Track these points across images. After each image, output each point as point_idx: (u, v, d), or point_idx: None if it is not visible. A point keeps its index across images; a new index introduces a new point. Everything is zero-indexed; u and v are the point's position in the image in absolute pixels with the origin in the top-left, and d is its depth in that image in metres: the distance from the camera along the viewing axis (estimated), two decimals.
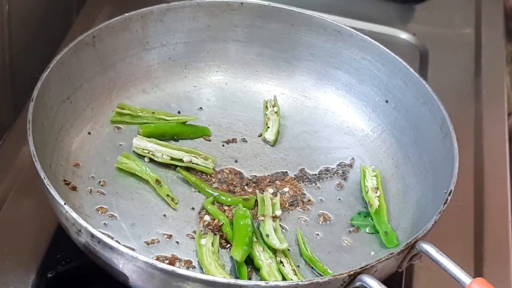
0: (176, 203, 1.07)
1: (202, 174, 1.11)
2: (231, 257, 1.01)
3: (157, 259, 1.00)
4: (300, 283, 0.89)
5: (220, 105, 1.22)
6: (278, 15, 1.22)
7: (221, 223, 1.04)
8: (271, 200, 1.07)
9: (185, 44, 1.22)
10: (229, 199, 1.07)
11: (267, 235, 1.02)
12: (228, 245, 1.03)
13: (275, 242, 1.02)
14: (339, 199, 1.11)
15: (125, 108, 1.16)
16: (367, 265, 0.91)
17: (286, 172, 1.14)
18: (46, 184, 0.95)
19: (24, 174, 1.14)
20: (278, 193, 1.09)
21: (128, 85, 1.19)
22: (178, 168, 1.10)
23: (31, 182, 1.10)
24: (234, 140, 1.17)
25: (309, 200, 1.10)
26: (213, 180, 1.11)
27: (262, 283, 0.89)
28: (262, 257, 1.00)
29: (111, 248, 0.91)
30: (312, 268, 1.02)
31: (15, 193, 1.12)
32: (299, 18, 1.22)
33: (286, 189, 1.11)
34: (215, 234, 1.03)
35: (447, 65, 1.43)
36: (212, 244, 1.01)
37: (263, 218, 1.04)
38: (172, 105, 1.20)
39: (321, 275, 1.00)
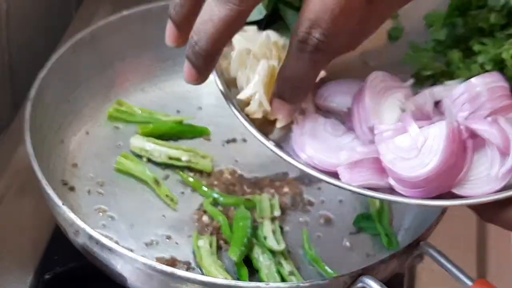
0: (175, 204, 1.06)
1: (201, 175, 1.10)
2: (231, 258, 1.00)
3: (156, 260, 0.99)
4: (301, 284, 0.89)
5: (220, 104, 1.20)
6: None
7: (220, 224, 1.03)
8: (270, 201, 1.07)
9: None
10: (231, 200, 1.07)
11: (265, 237, 1.02)
12: (228, 246, 1.02)
13: (272, 244, 1.01)
14: (340, 200, 1.11)
15: (123, 105, 1.15)
16: (368, 266, 0.91)
17: (287, 172, 1.13)
18: (43, 184, 0.95)
19: (21, 175, 1.13)
20: (276, 194, 1.09)
21: (127, 84, 1.18)
22: (177, 170, 1.10)
23: (28, 182, 1.09)
24: (234, 140, 1.17)
25: (310, 201, 1.10)
26: (213, 180, 1.10)
27: (263, 284, 0.88)
28: (261, 259, 1.00)
29: (110, 249, 0.90)
30: (313, 268, 1.02)
31: (12, 194, 1.11)
32: None
33: (286, 190, 1.10)
34: (212, 235, 1.03)
35: None
36: (210, 245, 1.01)
37: (261, 220, 1.04)
38: (171, 104, 1.19)
39: (323, 276, 1.00)
